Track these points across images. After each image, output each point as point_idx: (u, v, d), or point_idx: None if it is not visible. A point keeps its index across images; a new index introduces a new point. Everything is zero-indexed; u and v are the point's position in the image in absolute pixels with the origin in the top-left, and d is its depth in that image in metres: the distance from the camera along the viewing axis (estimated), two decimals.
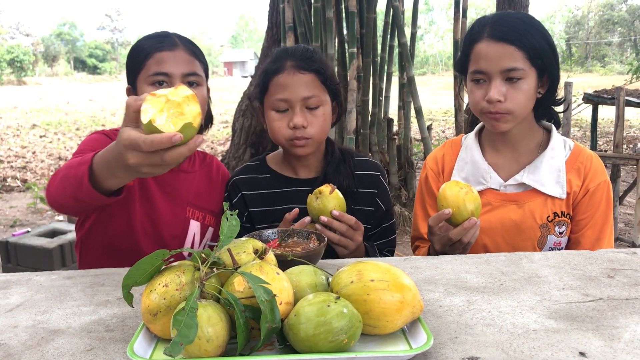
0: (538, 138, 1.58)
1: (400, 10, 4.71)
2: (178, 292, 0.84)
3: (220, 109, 17.18)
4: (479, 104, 1.48)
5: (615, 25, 60.49)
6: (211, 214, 1.67)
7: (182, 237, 1.61)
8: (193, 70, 1.52)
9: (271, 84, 1.53)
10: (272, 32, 6.38)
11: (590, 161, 1.54)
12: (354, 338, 0.80)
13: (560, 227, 1.52)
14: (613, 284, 1.09)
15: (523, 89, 1.43)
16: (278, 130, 1.53)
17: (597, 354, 0.81)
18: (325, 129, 1.56)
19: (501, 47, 1.42)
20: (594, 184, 1.52)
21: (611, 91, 5.58)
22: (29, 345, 0.89)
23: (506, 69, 1.41)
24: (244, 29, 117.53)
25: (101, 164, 1.06)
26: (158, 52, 1.50)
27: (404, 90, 5.12)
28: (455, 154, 1.66)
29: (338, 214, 1.36)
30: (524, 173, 1.53)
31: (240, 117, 6.70)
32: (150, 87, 1.50)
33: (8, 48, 51.37)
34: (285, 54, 1.54)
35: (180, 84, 1.09)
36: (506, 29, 1.42)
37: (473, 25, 1.52)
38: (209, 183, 1.69)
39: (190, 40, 1.60)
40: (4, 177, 7.69)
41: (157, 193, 1.58)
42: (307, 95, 1.50)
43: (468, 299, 1.03)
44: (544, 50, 1.43)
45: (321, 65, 1.54)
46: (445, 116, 14.74)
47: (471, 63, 1.49)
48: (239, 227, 0.95)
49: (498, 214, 1.54)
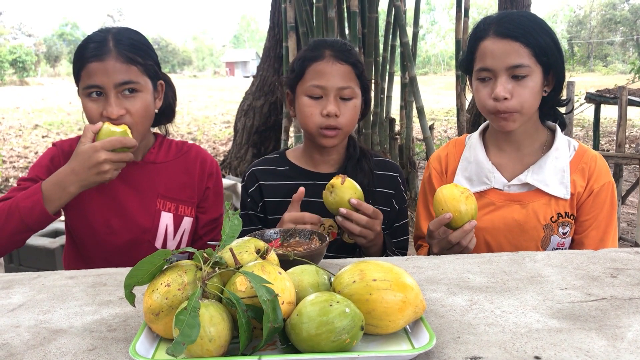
0: (542, 138, 1.57)
1: (402, 10, 4.70)
2: (180, 291, 0.84)
3: (222, 109, 17.19)
4: (485, 103, 1.47)
5: (617, 25, 60.39)
6: (185, 204, 1.66)
7: (153, 230, 1.61)
8: (127, 78, 1.47)
9: (308, 70, 1.54)
10: (274, 32, 6.38)
11: (595, 162, 1.53)
12: (356, 338, 0.79)
13: (564, 227, 1.52)
14: (616, 283, 1.08)
15: (529, 86, 1.43)
16: (310, 117, 1.53)
17: (600, 354, 0.80)
18: (354, 122, 1.57)
19: (507, 43, 1.42)
20: (598, 184, 1.51)
21: (614, 90, 5.57)
22: (31, 345, 0.89)
23: (512, 65, 1.41)
24: (245, 29, 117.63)
25: (52, 188, 1.38)
26: (89, 63, 1.47)
27: (405, 90, 5.11)
28: (459, 154, 1.66)
29: (356, 203, 1.36)
30: (527, 173, 1.53)
31: (242, 117, 6.70)
32: (86, 99, 1.49)
33: (10, 48, 51.45)
34: (324, 44, 1.56)
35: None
36: (512, 26, 1.43)
37: (478, 24, 1.52)
38: (184, 172, 1.67)
39: (131, 39, 1.53)
40: (6, 177, 7.69)
41: (120, 188, 1.58)
42: (342, 85, 1.51)
43: (470, 298, 1.03)
44: (550, 48, 1.43)
45: (357, 60, 1.57)
46: (447, 116, 14.72)
47: (477, 61, 1.49)
48: (241, 227, 0.95)
49: (501, 214, 1.53)
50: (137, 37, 1.55)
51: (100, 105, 1.48)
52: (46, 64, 72.65)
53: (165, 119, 1.71)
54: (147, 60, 1.54)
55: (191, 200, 1.67)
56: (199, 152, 1.72)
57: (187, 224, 1.66)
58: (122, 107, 1.47)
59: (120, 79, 1.46)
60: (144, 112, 1.52)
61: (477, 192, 1.56)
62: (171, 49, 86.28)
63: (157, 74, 1.60)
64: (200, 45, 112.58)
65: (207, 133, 12.03)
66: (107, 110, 1.46)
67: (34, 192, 1.39)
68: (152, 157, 1.64)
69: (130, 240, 1.58)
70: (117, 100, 1.47)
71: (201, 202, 1.70)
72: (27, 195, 1.39)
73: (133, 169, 1.61)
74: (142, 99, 1.51)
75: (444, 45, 79.78)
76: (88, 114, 1.50)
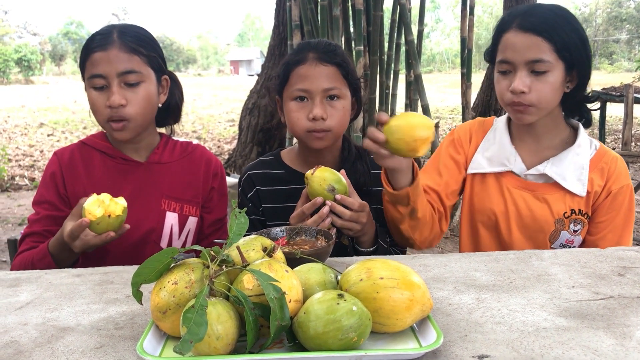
0: (563, 135, 1.56)
1: (407, 8, 4.69)
2: (187, 289, 0.84)
3: (227, 107, 17.20)
4: (504, 95, 1.47)
5: (623, 23, 60.12)
6: (190, 204, 1.66)
7: (158, 230, 1.61)
8: (130, 67, 1.49)
9: (292, 74, 1.53)
10: (278, 30, 6.37)
11: (615, 163, 1.52)
12: (363, 336, 0.79)
13: (576, 225, 1.51)
14: (623, 282, 1.08)
15: (549, 81, 1.41)
16: (297, 122, 1.52)
17: (608, 353, 0.80)
18: (344, 123, 1.55)
19: (528, 37, 1.41)
20: (617, 186, 1.50)
21: (619, 88, 5.54)
22: (39, 342, 0.89)
23: (532, 60, 1.40)
24: (250, 27, 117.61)
25: (57, 251, 1.43)
26: (93, 53, 1.49)
27: (410, 88, 5.09)
28: (484, 132, 1.66)
29: (340, 198, 1.35)
30: (547, 164, 1.52)
31: (247, 115, 6.70)
32: (91, 90, 1.51)
33: (16, 47, 51.63)
34: (308, 46, 1.55)
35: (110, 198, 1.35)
36: (535, 20, 1.41)
37: (504, 16, 1.51)
38: (189, 172, 1.68)
39: (135, 32, 1.55)
40: (12, 176, 7.72)
41: (125, 188, 1.59)
42: (327, 86, 1.50)
43: (477, 297, 1.03)
44: (574, 44, 1.41)
45: (343, 59, 1.54)
46: (452, 114, 14.69)
47: (498, 53, 1.48)
48: (247, 225, 0.95)
49: (515, 199, 1.54)
50: (141, 31, 1.58)
51: (105, 96, 1.50)
52: (51, 63, 72.86)
53: (172, 118, 1.72)
54: (151, 52, 1.56)
55: (196, 200, 1.67)
56: (203, 153, 1.73)
57: (192, 224, 1.67)
58: (123, 96, 1.49)
59: (122, 67, 1.48)
60: (145, 103, 1.53)
61: (495, 172, 1.58)
62: (176, 47, 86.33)
63: (162, 68, 1.61)
64: (205, 43, 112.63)
65: (212, 131, 12.04)
66: (110, 99, 1.48)
67: (43, 254, 1.45)
68: (156, 158, 1.65)
69: (136, 240, 1.58)
70: (119, 89, 1.49)
71: (206, 202, 1.70)
72: (39, 258, 1.46)
73: (138, 169, 1.61)
74: (144, 89, 1.52)
75: (448, 43, 79.60)
76: (93, 105, 1.52)
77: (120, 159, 1.62)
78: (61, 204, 1.58)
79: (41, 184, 1.62)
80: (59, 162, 1.61)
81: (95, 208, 1.31)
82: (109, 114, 1.50)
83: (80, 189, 1.56)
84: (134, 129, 1.54)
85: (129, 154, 1.63)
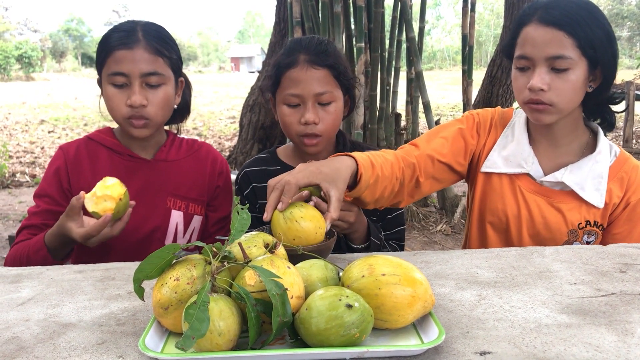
0: (582, 139, 1.47)
1: (408, 5, 4.68)
2: (189, 285, 0.84)
3: (228, 104, 17.20)
4: (521, 92, 1.38)
5: (624, 20, 59.97)
6: (195, 202, 1.66)
7: (163, 228, 1.62)
8: (154, 69, 1.50)
9: (284, 77, 1.52)
10: (279, 27, 6.37)
11: (636, 173, 1.44)
12: (365, 332, 0.79)
13: (589, 236, 1.44)
14: (625, 278, 1.08)
15: (570, 80, 1.32)
16: (289, 125, 1.53)
17: (610, 349, 0.80)
18: (336, 126, 1.55)
19: (549, 32, 1.30)
20: (636, 197, 1.42)
21: (621, 85, 5.53)
22: (41, 338, 0.89)
23: (552, 56, 1.31)
24: (250, 24, 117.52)
25: (53, 245, 1.44)
26: (117, 50, 1.49)
27: (411, 85, 5.10)
28: (503, 127, 1.54)
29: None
30: (565, 172, 1.43)
31: (248, 112, 6.70)
32: (110, 86, 1.51)
33: (16, 44, 51.52)
34: (299, 47, 1.52)
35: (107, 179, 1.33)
36: (558, 13, 1.30)
37: (525, 8, 1.40)
38: (195, 170, 1.68)
39: (158, 32, 1.56)
40: (13, 173, 7.73)
41: (131, 186, 1.57)
42: (319, 91, 1.49)
43: (479, 293, 1.03)
44: (599, 41, 1.30)
45: (335, 60, 1.52)
46: (453, 111, 14.68)
47: (517, 48, 1.39)
48: (249, 221, 0.95)
49: (528, 202, 1.46)
50: (163, 32, 1.59)
51: (124, 94, 1.50)
52: (52, 60, 72.75)
53: (180, 117, 1.72)
54: (172, 54, 1.57)
55: (201, 198, 1.67)
56: (209, 151, 1.73)
57: (197, 223, 1.67)
58: (145, 97, 1.50)
59: (146, 68, 1.49)
60: (164, 105, 1.54)
61: (510, 174, 1.48)
62: None
63: (180, 70, 1.61)
64: (206, 40, 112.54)
65: (213, 128, 12.04)
66: (131, 98, 1.49)
67: (39, 247, 1.45)
68: (163, 155, 1.65)
69: (141, 238, 1.58)
70: (140, 90, 1.49)
71: (211, 201, 1.70)
72: (35, 250, 1.46)
73: (144, 166, 1.61)
74: (164, 91, 1.53)
75: (449, 40, 79.48)
76: (110, 101, 1.52)
77: (127, 155, 1.62)
78: (62, 198, 1.57)
79: (44, 177, 1.62)
80: (65, 156, 1.61)
81: (102, 202, 1.30)
82: (128, 112, 1.50)
83: (84, 184, 1.56)
84: (153, 127, 1.55)
85: (136, 151, 1.63)
